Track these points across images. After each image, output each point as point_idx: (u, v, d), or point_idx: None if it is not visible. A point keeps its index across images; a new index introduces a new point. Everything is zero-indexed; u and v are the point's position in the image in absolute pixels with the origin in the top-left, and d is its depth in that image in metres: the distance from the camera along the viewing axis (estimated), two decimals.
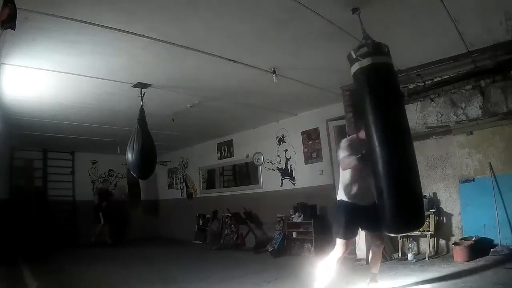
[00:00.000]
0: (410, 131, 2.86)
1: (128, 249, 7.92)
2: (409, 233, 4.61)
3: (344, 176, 3.05)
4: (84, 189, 9.13)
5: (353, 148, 2.93)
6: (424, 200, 4.65)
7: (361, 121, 2.97)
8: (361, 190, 2.98)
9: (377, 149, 2.60)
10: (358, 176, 2.96)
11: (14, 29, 2.23)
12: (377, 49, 2.72)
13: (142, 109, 4.65)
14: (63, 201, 8.60)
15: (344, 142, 3.11)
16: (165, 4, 2.78)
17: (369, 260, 3.35)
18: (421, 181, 4.85)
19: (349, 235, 3.04)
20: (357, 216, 3.00)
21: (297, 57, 4.03)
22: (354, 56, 2.75)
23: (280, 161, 7.05)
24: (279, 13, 3.01)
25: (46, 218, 7.97)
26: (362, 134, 2.99)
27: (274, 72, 4.27)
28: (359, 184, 2.98)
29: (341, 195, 3.10)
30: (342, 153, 3.01)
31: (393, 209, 2.57)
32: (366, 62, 2.67)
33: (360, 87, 2.76)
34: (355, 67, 2.74)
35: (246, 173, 8.63)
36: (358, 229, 3.15)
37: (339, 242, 3.02)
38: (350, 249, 3.22)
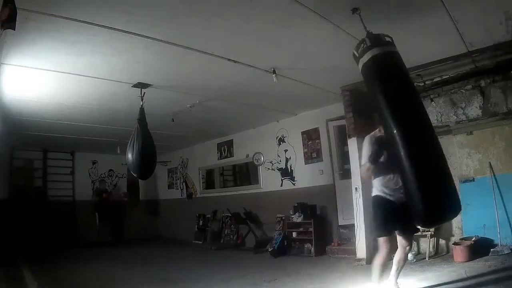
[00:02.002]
0: (429, 118, 2.74)
1: (128, 249, 7.92)
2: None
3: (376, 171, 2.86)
4: (84, 189, 9.14)
5: (380, 145, 2.71)
6: None
7: (377, 116, 2.81)
8: (391, 186, 2.82)
9: (400, 142, 2.49)
10: (386, 172, 2.81)
11: (14, 29, 2.23)
12: (375, 41, 2.69)
13: (142, 109, 4.65)
14: (63, 201, 8.60)
15: (366, 140, 2.89)
16: (165, 4, 2.78)
17: (394, 261, 3.00)
18: None
19: (388, 231, 2.84)
20: (392, 211, 2.80)
21: (297, 57, 4.03)
22: (357, 55, 2.78)
23: (280, 161, 7.04)
24: (279, 13, 3.01)
25: (46, 218, 7.96)
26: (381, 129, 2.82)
27: (274, 72, 4.27)
28: (388, 180, 2.83)
29: (375, 191, 2.94)
30: (362, 158, 2.88)
31: (425, 201, 2.42)
32: (366, 57, 2.68)
33: (369, 82, 2.75)
34: (360, 64, 2.76)
35: (246, 173, 8.63)
36: (396, 224, 2.84)
37: (381, 241, 2.85)
38: (393, 247, 2.91)
